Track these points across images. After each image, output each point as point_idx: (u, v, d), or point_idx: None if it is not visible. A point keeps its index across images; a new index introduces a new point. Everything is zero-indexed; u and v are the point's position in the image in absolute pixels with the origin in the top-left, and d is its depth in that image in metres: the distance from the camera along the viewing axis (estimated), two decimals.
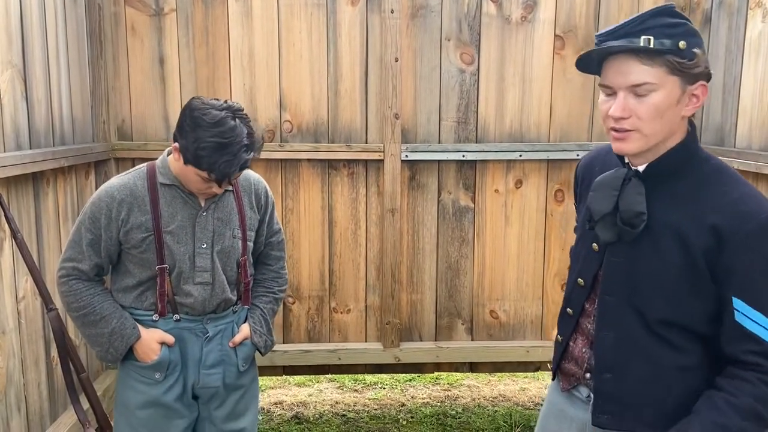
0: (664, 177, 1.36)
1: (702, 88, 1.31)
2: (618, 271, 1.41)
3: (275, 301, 2.11)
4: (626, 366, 1.40)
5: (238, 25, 3.28)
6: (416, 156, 3.36)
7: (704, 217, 1.30)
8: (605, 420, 1.43)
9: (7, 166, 2.28)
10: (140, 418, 1.93)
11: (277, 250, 2.13)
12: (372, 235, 3.45)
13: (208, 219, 1.89)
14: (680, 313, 1.34)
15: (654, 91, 1.28)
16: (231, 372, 1.97)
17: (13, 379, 2.44)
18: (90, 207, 1.86)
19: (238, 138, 1.74)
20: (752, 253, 1.27)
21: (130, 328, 1.86)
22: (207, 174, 1.76)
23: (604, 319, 1.43)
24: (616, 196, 1.38)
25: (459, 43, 3.35)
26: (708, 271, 1.31)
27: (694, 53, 1.27)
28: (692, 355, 1.37)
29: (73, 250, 1.88)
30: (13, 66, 2.43)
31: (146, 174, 1.89)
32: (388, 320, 3.44)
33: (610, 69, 1.31)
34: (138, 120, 3.32)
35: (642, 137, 1.32)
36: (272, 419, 3.44)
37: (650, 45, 1.25)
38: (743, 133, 2.81)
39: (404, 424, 3.41)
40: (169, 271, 1.86)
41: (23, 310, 2.51)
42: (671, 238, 1.33)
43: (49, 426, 2.72)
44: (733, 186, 1.33)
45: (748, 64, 2.78)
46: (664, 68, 1.27)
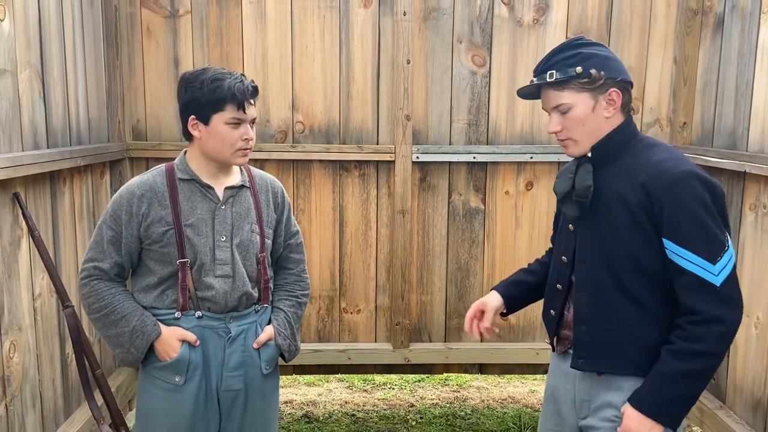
0: (607, 158, 1.69)
1: (615, 93, 1.65)
2: (587, 241, 1.72)
3: (299, 306, 2.10)
4: (598, 319, 1.69)
5: (251, 27, 3.31)
6: (427, 157, 3.38)
7: (635, 178, 1.63)
8: (581, 363, 1.72)
9: (24, 165, 2.32)
10: (162, 428, 1.91)
11: (296, 252, 2.14)
12: (382, 236, 3.47)
13: (226, 212, 1.92)
14: (638, 260, 1.63)
15: (571, 108, 1.65)
16: (254, 374, 1.95)
17: (29, 375, 2.48)
18: (111, 205, 1.89)
19: (231, 71, 1.90)
20: (672, 200, 1.57)
21: (150, 325, 1.87)
22: (230, 103, 1.81)
23: (580, 282, 1.74)
24: (572, 178, 1.72)
25: (471, 45, 3.37)
26: (648, 222, 1.61)
27: (590, 73, 1.62)
28: (650, 310, 1.65)
29: (94, 251, 1.90)
30: (31, 66, 2.47)
31: (165, 171, 1.92)
32: (398, 321, 3.46)
33: (542, 97, 1.73)
34: (153, 120, 3.36)
35: (575, 143, 1.70)
36: (282, 418, 3.46)
37: (554, 78, 1.64)
38: (755, 137, 2.81)
39: (413, 425, 3.42)
40: (191, 265, 1.88)
41: (39, 307, 2.55)
42: (617, 204, 1.65)
43: (64, 422, 2.76)
44: (657, 153, 1.65)
45: (761, 68, 2.78)
46: (572, 90, 1.64)
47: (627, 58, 3.39)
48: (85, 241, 2.95)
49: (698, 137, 3.31)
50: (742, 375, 2.89)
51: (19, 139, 2.37)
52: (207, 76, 1.84)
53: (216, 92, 1.81)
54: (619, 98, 1.65)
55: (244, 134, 1.86)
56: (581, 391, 1.76)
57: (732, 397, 2.97)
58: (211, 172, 1.93)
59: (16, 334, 2.38)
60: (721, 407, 3.00)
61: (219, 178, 1.94)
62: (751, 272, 2.83)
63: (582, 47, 1.66)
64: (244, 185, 1.97)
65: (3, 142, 2.26)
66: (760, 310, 2.75)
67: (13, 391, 2.36)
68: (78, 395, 2.88)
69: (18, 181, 2.35)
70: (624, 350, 1.66)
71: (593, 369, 1.71)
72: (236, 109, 1.83)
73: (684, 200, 1.56)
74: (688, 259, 1.55)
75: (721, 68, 3.10)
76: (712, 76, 3.19)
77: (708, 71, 3.23)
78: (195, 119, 1.86)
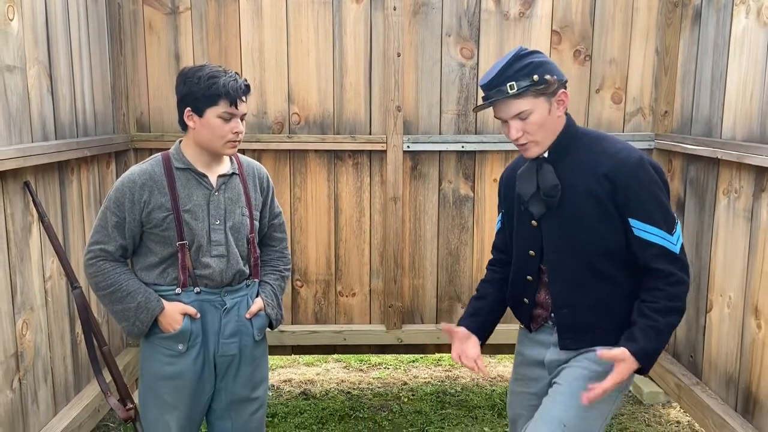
0: (561, 155, 1.84)
1: (563, 93, 1.81)
2: (555, 235, 1.87)
3: (282, 279, 2.31)
4: (577, 301, 1.86)
5: (248, 22, 3.46)
6: (418, 147, 3.52)
7: (597, 170, 1.79)
8: (568, 343, 1.89)
9: (34, 155, 2.49)
10: (168, 390, 2.09)
11: (279, 231, 2.33)
12: (376, 222, 3.62)
13: (220, 198, 2.09)
14: (608, 245, 1.81)
15: (531, 113, 1.78)
16: (247, 341, 2.16)
17: (41, 352, 2.66)
18: (114, 193, 2.06)
19: (226, 69, 2.04)
20: (635, 185, 1.76)
21: (154, 301, 2.04)
22: (224, 99, 1.97)
23: (554, 272, 1.89)
24: (535, 179, 1.86)
25: (459, 38, 3.50)
26: (614, 209, 1.78)
27: (545, 79, 1.76)
28: (624, 285, 1.83)
29: (99, 234, 2.06)
30: (39, 62, 2.63)
31: (162, 161, 2.09)
32: (391, 303, 3.62)
33: (497, 108, 1.82)
34: (155, 112, 3.52)
35: (536, 144, 1.83)
36: (281, 395, 3.64)
37: (515, 90, 1.75)
38: (728, 125, 2.93)
39: (405, 401, 3.59)
40: (189, 246, 2.06)
41: (50, 288, 2.72)
42: (584, 196, 1.80)
43: (74, 397, 2.94)
44: (610, 145, 1.83)
45: (734, 58, 2.90)
46: (530, 97, 1.77)
47: (610, 50, 3.51)
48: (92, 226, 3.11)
49: (678, 125, 3.44)
50: (716, 352, 3.03)
51: (29, 131, 2.54)
52: (204, 73, 2.00)
53: (211, 88, 1.97)
54: (567, 98, 1.82)
55: (234, 128, 2.02)
56: (554, 354, 1.93)
57: (707, 373, 3.11)
58: (205, 161, 2.09)
59: (29, 314, 2.55)
60: (698, 383, 3.15)
61: (212, 167, 2.11)
62: (724, 254, 2.96)
63: (529, 57, 1.78)
64: (234, 173, 2.14)
65: (14, 134, 2.42)
66: (732, 290, 2.88)
67: (26, 366, 2.53)
68: (87, 373, 3.06)
69: (28, 170, 2.52)
70: (603, 325, 1.85)
71: (580, 347, 1.87)
72: (229, 104, 1.99)
73: (645, 183, 1.76)
74: (653, 233, 1.76)
75: (698, 59, 3.22)
76: (690, 67, 3.31)
77: (687, 62, 3.35)
78: (190, 111, 2.02)
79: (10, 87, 2.40)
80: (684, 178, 3.36)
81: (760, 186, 2.69)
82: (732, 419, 2.79)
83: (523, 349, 2.06)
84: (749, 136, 2.76)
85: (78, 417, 2.83)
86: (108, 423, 3.26)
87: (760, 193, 2.69)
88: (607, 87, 3.55)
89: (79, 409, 2.85)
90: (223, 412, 2.19)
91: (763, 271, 2.66)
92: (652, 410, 3.49)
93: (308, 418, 3.36)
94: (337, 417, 3.37)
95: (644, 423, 3.34)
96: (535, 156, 1.84)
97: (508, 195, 2.02)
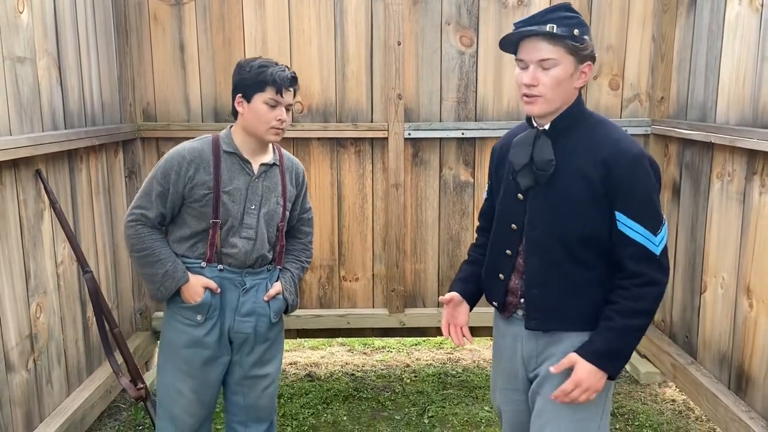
0: (563, 131, 1.78)
1: (588, 66, 1.72)
2: (539, 210, 1.81)
3: (302, 269, 2.43)
4: (549, 282, 1.80)
5: (251, 13, 3.52)
6: (419, 134, 3.59)
7: (596, 154, 1.73)
8: (534, 324, 1.84)
9: (45, 143, 2.57)
10: (182, 357, 2.22)
11: (307, 225, 2.46)
12: (378, 208, 3.70)
13: (258, 185, 2.21)
14: (591, 230, 1.76)
15: (556, 66, 1.68)
16: (263, 322, 2.27)
17: (54, 334, 2.75)
18: (163, 164, 2.17)
19: (278, 62, 2.17)
20: (631, 178, 1.70)
21: (180, 272, 2.17)
22: (270, 86, 2.09)
23: (531, 249, 1.83)
24: (530, 150, 1.79)
25: (458, 26, 3.56)
26: (605, 195, 1.73)
27: (584, 39, 1.68)
28: (598, 271, 1.79)
29: (142, 200, 2.18)
30: (49, 54, 2.71)
31: (212, 141, 2.21)
32: (394, 288, 3.70)
33: (525, 48, 1.71)
34: (161, 102, 3.60)
35: (545, 101, 1.72)
36: (287, 377, 3.73)
37: (554, 31, 1.65)
38: (722, 109, 2.99)
39: (407, 382, 3.68)
40: (221, 225, 2.18)
41: (62, 273, 2.81)
42: (577, 177, 1.74)
43: (86, 378, 3.04)
44: (613, 132, 1.77)
45: (727, 44, 2.95)
46: (563, 49, 1.67)
47: (607, 36, 3.56)
48: (101, 214, 3.20)
49: (674, 111, 3.49)
50: (710, 332, 3.10)
51: (39, 120, 2.62)
52: (256, 63, 2.14)
53: (260, 75, 2.11)
54: (590, 72, 1.74)
55: (279, 115, 2.14)
56: (528, 349, 1.88)
57: (702, 352, 3.18)
58: (251, 149, 2.21)
59: (42, 297, 2.64)
60: (692, 363, 3.22)
61: (256, 155, 2.22)
62: (717, 236, 3.03)
63: (577, 14, 1.70)
64: (275, 163, 2.26)
65: (25, 123, 2.51)
66: (725, 270, 2.95)
67: (40, 347, 2.63)
68: (99, 355, 3.16)
69: (39, 158, 2.61)
70: (572, 309, 1.80)
71: (546, 328, 1.83)
72: (275, 92, 2.11)
73: (640, 179, 1.71)
74: (637, 231, 1.70)
75: (694, 45, 3.27)
76: (686, 53, 3.36)
77: (683, 48, 3.40)
78: (241, 97, 2.15)
79: (22, 78, 2.48)
80: (679, 162, 3.42)
81: (751, 169, 2.75)
82: (725, 396, 2.87)
83: (500, 341, 2.00)
84: (742, 120, 2.82)
85: (90, 397, 2.93)
86: (119, 404, 3.36)
87: (752, 176, 2.75)
88: (605, 73, 3.60)
89: (92, 390, 2.96)
90: (236, 387, 2.31)
91: (754, 252, 2.72)
92: (648, 389, 3.57)
93: (313, 398, 3.45)
94: (341, 397, 3.47)
95: (640, 402, 3.42)
96: (536, 113, 1.75)
97: (500, 163, 1.95)
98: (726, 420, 2.80)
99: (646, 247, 1.71)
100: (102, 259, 3.22)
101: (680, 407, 3.37)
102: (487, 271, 1.97)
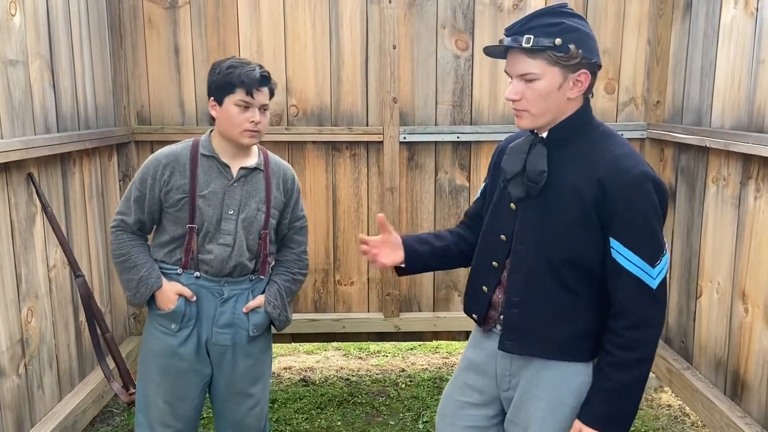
0: (562, 142, 1.64)
1: (584, 75, 1.57)
2: (529, 224, 1.68)
3: (293, 282, 2.29)
4: (530, 304, 1.67)
5: (246, 16, 3.52)
6: (414, 138, 3.58)
7: (593, 172, 1.58)
8: (509, 345, 1.71)
9: (37, 147, 2.56)
10: (156, 365, 2.17)
11: (300, 234, 2.35)
12: (373, 212, 3.69)
13: (237, 189, 2.15)
14: (579, 254, 1.61)
15: (538, 80, 1.56)
16: (242, 335, 2.19)
17: (46, 338, 2.74)
18: (142, 169, 2.16)
19: (249, 61, 2.12)
20: (627, 202, 1.54)
21: (154, 278, 2.13)
22: (240, 87, 2.04)
23: (516, 264, 1.70)
24: (524, 159, 1.66)
25: (454, 30, 3.55)
26: (597, 218, 1.58)
27: (568, 48, 1.52)
28: (584, 298, 1.64)
29: (123, 206, 2.18)
30: (41, 57, 2.69)
31: (191, 145, 2.18)
32: (389, 292, 3.69)
33: (509, 59, 1.61)
34: (156, 105, 3.59)
35: (530, 116, 1.61)
36: (281, 382, 3.71)
37: (529, 45, 1.53)
38: (717, 113, 2.98)
39: (402, 387, 3.66)
40: (197, 231, 2.13)
41: (54, 277, 2.80)
42: (570, 194, 1.60)
43: (78, 383, 3.02)
44: (615, 147, 1.60)
45: (722, 48, 2.94)
46: (544, 61, 1.54)
47: (603, 40, 3.56)
48: (94, 217, 3.19)
49: (670, 115, 3.49)
50: (706, 337, 3.09)
51: (31, 123, 2.60)
52: (225, 64, 2.10)
53: (228, 77, 2.06)
54: (587, 81, 1.58)
55: (251, 117, 2.08)
56: (501, 367, 1.76)
57: (698, 357, 3.17)
58: (230, 152, 2.16)
59: (33, 301, 2.63)
60: (688, 368, 3.21)
61: (236, 159, 2.17)
62: (713, 241, 3.02)
63: (566, 17, 1.56)
64: (258, 168, 2.19)
65: (17, 127, 2.49)
66: (721, 275, 2.94)
67: (31, 352, 2.61)
68: (92, 360, 3.14)
69: (31, 162, 2.59)
70: (554, 335, 1.66)
71: (520, 352, 1.70)
72: (245, 93, 2.06)
73: (638, 203, 1.53)
74: (632, 260, 1.55)
75: (689, 49, 3.27)
76: (681, 57, 3.35)
77: (679, 52, 3.39)
78: (213, 100, 2.12)
79: (13, 81, 2.47)
80: (675, 166, 3.41)
81: (747, 173, 2.74)
82: (720, 402, 2.85)
83: (473, 355, 1.86)
84: (737, 124, 2.81)
85: (82, 402, 2.91)
86: (112, 409, 3.34)
87: (747, 180, 2.74)
88: (600, 77, 3.57)
89: (84, 395, 2.94)
90: (223, 402, 2.25)
91: (749, 257, 2.71)
92: (644, 394, 3.55)
93: (307, 403, 3.44)
94: (336, 402, 3.45)
95: None
96: (524, 127, 1.64)
97: (497, 165, 1.81)
98: (722, 425, 2.79)
99: (642, 280, 1.55)
100: (95, 262, 3.21)
101: (676, 412, 3.36)
102: (471, 282, 1.84)
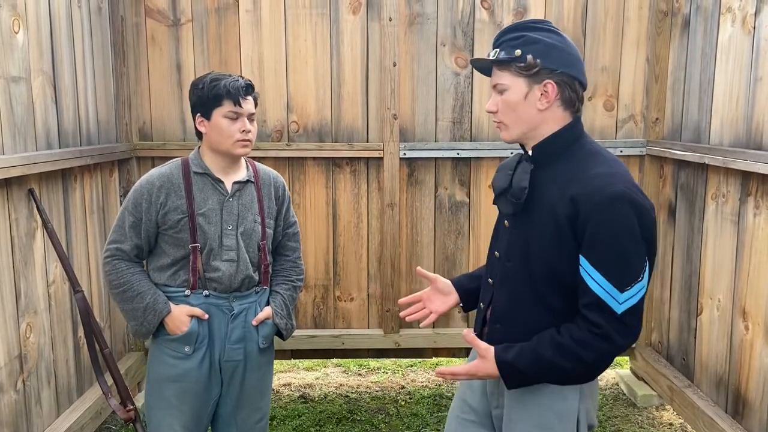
0: (546, 159, 1.65)
1: (550, 86, 1.58)
2: (515, 240, 1.69)
3: (294, 289, 2.32)
4: (513, 320, 1.69)
5: (248, 33, 3.55)
6: (414, 154, 3.59)
7: (568, 190, 1.57)
8: None
9: (38, 162, 2.57)
10: (174, 391, 2.14)
11: (293, 241, 2.37)
12: (373, 228, 3.69)
13: (233, 204, 2.16)
14: (557, 271, 1.60)
15: (506, 90, 1.62)
16: (252, 348, 2.19)
17: (44, 354, 2.73)
18: (133, 194, 2.14)
19: (229, 73, 2.16)
20: (598, 221, 1.51)
21: (162, 303, 2.11)
22: (227, 98, 2.06)
23: (502, 281, 1.72)
24: (510, 175, 1.69)
25: (453, 48, 3.58)
26: (571, 236, 1.56)
27: (526, 58, 1.57)
28: (562, 318, 1.61)
29: (116, 234, 2.15)
30: (44, 74, 2.72)
31: (181, 165, 2.17)
32: (389, 308, 3.68)
33: (492, 72, 1.68)
34: (157, 122, 3.61)
35: (506, 127, 1.66)
36: (281, 399, 3.69)
37: (496, 57, 1.61)
38: (716, 130, 2.99)
39: (402, 404, 3.64)
40: (201, 249, 2.12)
41: (53, 293, 2.80)
42: (547, 211, 1.60)
43: (77, 399, 3.01)
44: (597, 166, 1.58)
45: (720, 65, 2.96)
46: (511, 72, 1.60)
47: (602, 58, 3.58)
48: (95, 233, 3.20)
49: (669, 132, 3.50)
50: (707, 354, 3.07)
51: (33, 139, 2.62)
52: (208, 78, 2.11)
53: (214, 90, 2.07)
54: (554, 91, 1.57)
55: (242, 127, 2.10)
56: (491, 384, 1.77)
57: (699, 375, 3.15)
58: (221, 167, 2.16)
59: (32, 317, 2.63)
60: (689, 386, 3.19)
61: (228, 173, 2.18)
62: (713, 257, 3.02)
63: (530, 30, 1.59)
64: (249, 180, 2.21)
65: (18, 143, 2.51)
66: (721, 293, 2.93)
67: (29, 368, 2.61)
68: (90, 376, 3.12)
69: (32, 177, 2.60)
70: None
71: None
72: (233, 104, 2.08)
73: (608, 223, 1.50)
74: (597, 281, 1.52)
75: (687, 66, 3.29)
76: (680, 74, 3.37)
77: (677, 69, 3.41)
78: (201, 116, 2.12)
79: (16, 97, 2.49)
80: (675, 183, 3.41)
81: (746, 190, 2.74)
82: (722, 420, 2.83)
83: None
84: (735, 142, 2.82)
85: (80, 419, 2.89)
86: (110, 426, 3.32)
87: (746, 198, 2.74)
88: (600, 95, 3.62)
89: (82, 411, 2.92)
90: (228, 418, 2.23)
91: (749, 274, 2.71)
92: (645, 413, 3.53)
93: (306, 420, 3.42)
94: (335, 420, 3.43)
95: (637, 425, 3.38)
96: (505, 139, 1.68)
97: None
98: None
99: (605, 302, 1.51)
100: (95, 278, 3.21)
101: (677, 431, 3.33)
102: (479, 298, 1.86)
